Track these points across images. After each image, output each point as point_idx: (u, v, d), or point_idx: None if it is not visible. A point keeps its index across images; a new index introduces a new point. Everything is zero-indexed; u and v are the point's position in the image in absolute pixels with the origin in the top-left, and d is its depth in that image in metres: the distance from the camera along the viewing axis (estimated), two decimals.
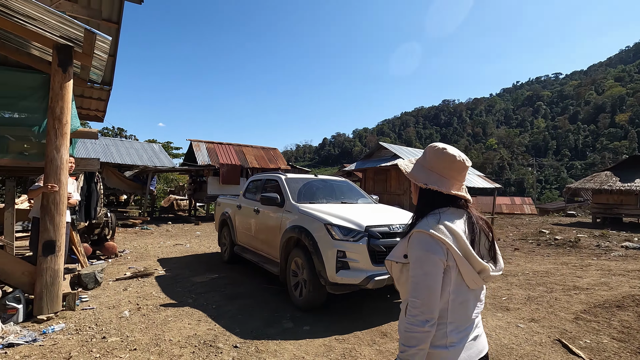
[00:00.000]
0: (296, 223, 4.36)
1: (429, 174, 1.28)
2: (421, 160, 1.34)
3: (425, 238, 1.16)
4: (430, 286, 1.12)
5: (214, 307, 4.13)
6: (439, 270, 1.14)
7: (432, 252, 1.14)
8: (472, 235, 1.21)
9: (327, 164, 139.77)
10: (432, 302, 1.12)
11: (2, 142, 4.56)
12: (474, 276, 1.17)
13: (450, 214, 1.23)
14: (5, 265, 3.54)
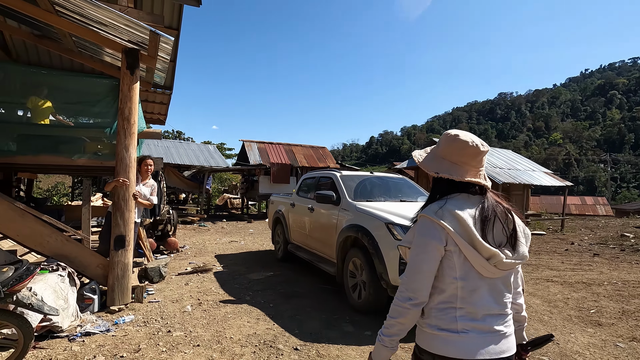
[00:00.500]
0: (354, 222, 4.17)
1: (441, 162, 1.26)
2: (435, 149, 1.32)
3: (425, 222, 1.18)
4: (417, 267, 1.16)
5: (271, 306, 4.09)
6: (431, 255, 1.16)
7: (427, 236, 1.16)
8: (483, 221, 1.17)
9: (374, 163, 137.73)
10: (417, 282, 1.16)
11: (80, 143, 4.94)
12: (482, 262, 1.14)
13: (460, 199, 1.21)
14: (83, 258, 3.78)
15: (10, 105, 4.97)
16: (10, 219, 3.49)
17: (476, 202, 1.21)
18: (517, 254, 1.19)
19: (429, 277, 1.17)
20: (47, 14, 3.69)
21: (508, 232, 1.20)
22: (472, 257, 1.15)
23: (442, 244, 1.15)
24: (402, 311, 1.18)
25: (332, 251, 4.61)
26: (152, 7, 5.82)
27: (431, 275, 1.17)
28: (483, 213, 1.19)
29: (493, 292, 1.19)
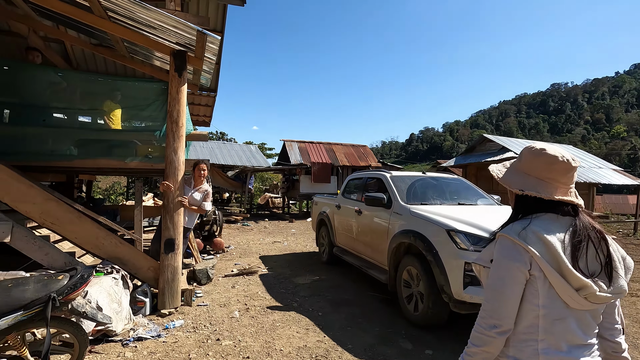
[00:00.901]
0: (408, 227, 3.85)
1: (526, 177, 1.16)
2: (516, 164, 1.22)
3: (506, 243, 1.10)
4: (501, 292, 1.08)
5: (320, 315, 3.89)
6: (514, 279, 1.07)
7: (509, 259, 1.07)
8: (575, 246, 1.06)
9: (414, 160, 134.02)
10: (501, 308, 1.07)
11: (132, 147, 5.05)
12: (570, 293, 1.03)
13: (546, 220, 1.10)
14: (135, 260, 3.82)
15: (71, 111, 5.21)
16: (69, 222, 3.59)
17: (565, 224, 1.10)
18: (614, 287, 1.05)
19: (514, 303, 1.07)
20: (101, 20, 3.76)
21: (603, 259, 1.07)
22: (560, 286, 1.04)
23: (526, 267, 1.05)
24: (487, 340, 1.08)
25: (383, 258, 4.32)
26: (198, 9, 5.86)
27: (517, 300, 1.07)
28: (575, 237, 1.07)
29: (580, 323, 1.07)
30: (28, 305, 1.95)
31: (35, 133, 4.58)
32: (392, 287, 4.07)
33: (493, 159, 11.94)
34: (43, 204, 3.51)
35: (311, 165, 16.29)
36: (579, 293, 1.03)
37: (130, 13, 3.61)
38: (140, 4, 3.27)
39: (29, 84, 4.70)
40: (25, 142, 4.53)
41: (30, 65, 4.98)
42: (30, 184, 3.51)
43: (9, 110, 4.72)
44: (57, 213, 3.55)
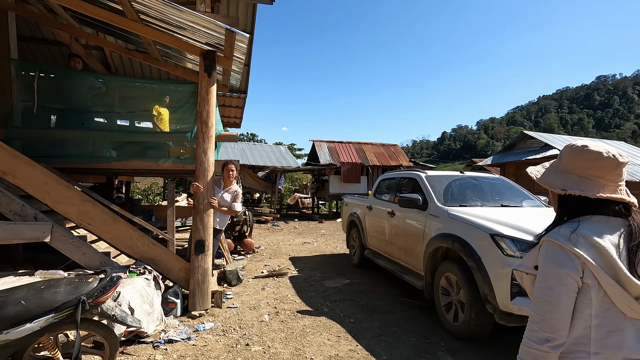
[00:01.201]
0: (446, 231, 3.60)
1: (568, 176, 1.09)
2: (557, 163, 1.15)
3: (553, 248, 1.01)
4: (552, 302, 0.98)
5: (351, 321, 3.72)
6: (566, 287, 0.97)
7: (558, 265, 0.99)
8: (631, 250, 0.97)
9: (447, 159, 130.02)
10: (553, 320, 0.98)
11: (165, 148, 5.13)
12: (629, 302, 0.94)
13: (597, 222, 1.01)
14: (167, 261, 3.84)
15: (109, 115, 5.38)
16: (104, 222, 3.66)
17: (617, 226, 1.02)
18: None
19: (567, 313, 0.99)
20: (133, 23, 3.81)
21: None
22: (616, 294, 0.96)
23: (578, 275, 0.98)
24: (539, 355, 0.99)
25: (419, 262, 4.08)
26: (228, 11, 5.88)
27: (570, 310, 0.99)
28: (631, 240, 0.99)
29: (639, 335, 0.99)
30: (59, 308, 1.94)
31: (76, 136, 4.75)
32: (429, 295, 3.82)
33: (535, 157, 11.20)
34: (80, 205, 3.60)
35: (341, 165, 16.12)
36: (638, 302, 0.95)
37: (161, 15, 3.63)
38: (171, 4, 3.26)
39: (70, 90, 4.88)
40: (67, 144, 4.72)
41: (72, 71, 5.19)
42: (68, 186, 3.61)
43: (55, 116, 4.95)
44: (93, 214, 3.63)
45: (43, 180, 3.50)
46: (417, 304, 4.26)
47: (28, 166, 3.47)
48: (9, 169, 3.41)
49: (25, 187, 3.46)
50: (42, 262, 4.43)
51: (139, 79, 7.38)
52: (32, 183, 3.47)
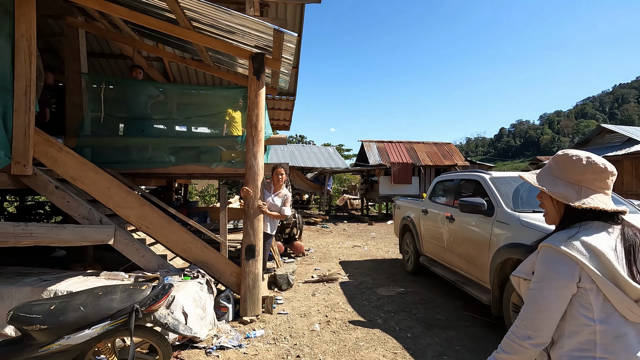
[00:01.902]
0: (518, 240, 3.18)
1: (573, 188, 1.11)
2: (557, 173, 1.16)
3: (550, 254, 1.05)
4: (540, 304, 1.03)
5: (409, 336, 3.44)
6: (560, 292, 1.02)
7: (554, 270, 1.02)
8: (629, 254, 1.02)
9: (506, 157, 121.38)
10: (539, 320, 1.03)
11: (217, 153, 5.24)
12: (629, 305, 0.97)
13: (594, 228, 1.06)
14: (219, 265, 3.87)
15: (168, 121, 5.63)
16: (161, 226, 3.78)
17: (613, 232, 1.07)
18: None
19: (554, 317, 1.03)
20: (187, 31, 3.89)
21: None
22: (616, 298, 0.98)
23: (573, 281, 1.00)
24: (518, 349, 1.06)
25: (483, 274, 3.68)
26: (277, 13, 5.88)
27: (558, 315, 1.03)
28: (626, 244, 1.04)
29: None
30: (114, 315, 1.96)
31: (137, 143, 5.02)
32: (497, 311, 3.42)
33: (616, 154, 9.86)
34: (139, 209, 3.74)
35: (391, 165, 15.63)
36: (638, 304, 0.98)
37: (212, 20, 3.66)
38: (221, 8, 3.26)
39: (132, 99, 5.18)
40: (130, 151, 5.00)
41: (134, 81, 5.51)
42: (129, 191, 3.78)
43: (123, 124, 5.29)
44: (151, 217, 3.76)
45: (107, 186, 3.69)
46: (482, 319, 3.85)
47: (94, 172, 3.68)
48: (78, 176, 3.65)
49: (91, 192, 3.68)
50: (108, 260, 4.74)
51: (194, 86, 7.71)
52: (97, 188, 3.68)
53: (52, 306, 1.92)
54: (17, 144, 3.39)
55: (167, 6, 3.50)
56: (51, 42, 6.58)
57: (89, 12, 4.79)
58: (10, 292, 3.07)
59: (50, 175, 3.66)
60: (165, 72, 7.72)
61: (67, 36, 4.83)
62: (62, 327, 1.87)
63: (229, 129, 5.46)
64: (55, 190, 3.57)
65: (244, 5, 4.80)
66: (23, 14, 3.41)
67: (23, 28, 3.41)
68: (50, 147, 3.61)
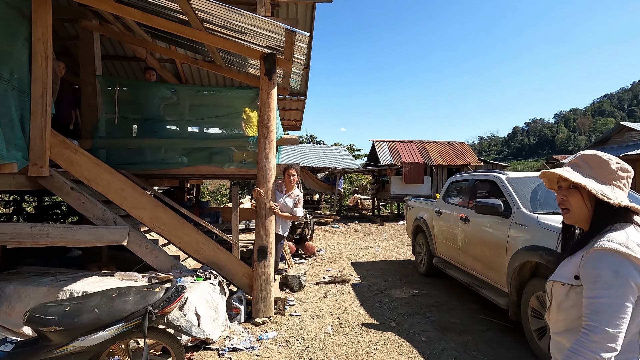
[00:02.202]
0: (537, 242, 3.08)
1: (607, 187, 1.13)
2: (588, 172, 1.17)
3: (614, 257, 1.01)
4: (616, 311, 0.98)
5: (423, 340, 3.37)
6: (629, 295, 0.98)
7: (623, 274, 0.99)
8: None
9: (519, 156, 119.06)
10: (617, 330, 0.97)
11: (229, 153, 5.25)
12: None
13: (631, 228, 1.07)
14: (231, 266, 3.87)
15: (181, 122, 5.67)
16: (174, 227, 3.79)
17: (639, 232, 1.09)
18: None
19: (626, 322, 0.99)
20: (199, 32, 3.90)
21: None
22: None
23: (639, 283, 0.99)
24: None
25: (500, 277, 3.58)
26: (288, 13, 5.86)
27: (627, 319, 0.99)
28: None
29: None
30: (128, 318, 1.96)
31: (150, 144, 5.06)
32: (514, 315, 3.32)
33: (637, 153, 9.53)
34: (153, 210, 3.77)
35: (402, 165, 15.49)
36: None
37: (223, 21, 3.65)
38: (232, 9, 3.25)
39: (146, 101, 5.23)
40: (143, 152, 5.05)
41: (147, 83, 5.57)
42: (142, 192, 3.81)
43: (137, 126, 5.34)
44: (164, 219, 3.78)
45: (121, 187, 3.73)
46: (499, 324, 3.75)
47: (108, 174, 3.72)
48: (93, 177, 3.69)
49: (105, 193, 3.72)
50: (123, 260, 4.78)
51: (206, 87, 7.75)
52: (111, 189, 3.71)
53: (67, 308, 1.93)
54: (34, 145, 3.45)
55: (179, 8, 3.51)
56: (67, 45, 6.70)
57: (103, 15, 4.85)
58: (27, 292, 3.13)
59: (66, 176, 3.72)
60: (177, 73, 7.78)
61: (82, 39, 4.91)
62: (76, 329, 1.88)
63: (246, 129, 5.46)
64: (71, 192, 3.62)
65: (255, 5, 4.79)
66: (40, 17, 3.46)
67: (39, 32, 3.46)
68: (66, 149, 3.66)
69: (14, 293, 3.14)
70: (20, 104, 3.38)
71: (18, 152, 3.27)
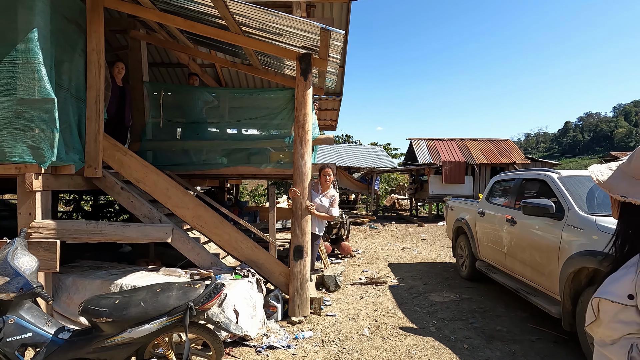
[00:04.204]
0: (594, 247, 2.82)
1: (634, 183, 0.96)
2: (624, 166, 1.03)
3: None
4: None
5: (465, 347, 3.21)
6: None
7: None
8: None
9: (571, 153, 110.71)
10: None
11: (266, 154, 5.35)
12: None
13: None
14: (269, 265, 3.93)
15: (221, 124, 5.86)
16: (214, 226, 3.92)
17: None
18: None
19: None
20: (237, 36, 4.00)
21: None
22: None
23: None
24: None
25: (552, 283, 3.32)
26: (323, 13, 5.86)
27: None
28: None
29: None
30: (171, 312, 2.04)
31: (192, 146, 5.28)
32: (568, 326, 3.07)
33: None
34: (195, 209, 3.92)
35: (442, 164, 14.96)
36: None
37: (260, 24, 3.72)
38: (269, 11, 3.29)
39: (188, 104, 5.47)
40: (186, 154, 5.28)
41: (190, 87, 5.83)
42: (185, 191, 3.97)
43: (180, 128, 5.61)
44: (205, 217, 3.92)
45: (165, 187, 3.92)
46: (551, 334, 3.48)
47: (154, 174, 3.92)
48: (141, 177, 3.91)
49: (152, 193, 3.93)
50: (168, 256, 5.04)
51: (244, 90, 7.97)
52: (157, 189, 3.91)
53: (117, 300, 2.05)
54: (89, 148, 3.72)
55: (218, 13, 3.62)
56: (118, 54, 7.19)
57: (150, 24, 5.14)
58: (84, 284, 3.38)
59: (117, 177, 3.97)
60: (217, 77, 8.07)
61: (131, 48, 5.23)
62: (125, 321, 1.99)
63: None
64: (121, 191, 3.86)
65: (290, 7, 4.84)
66: (94, 30, 3.73)
67: (94, 43, 3.73)
68: (117, 151, 3.91)
69: (73, 285, 3.41)
70: (78, 110, 3.66)
71: (75, 155, 3.54)
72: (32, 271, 2.03)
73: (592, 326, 1.08)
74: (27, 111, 3.10)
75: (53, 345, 2.01)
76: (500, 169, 14.66)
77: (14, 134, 3.09)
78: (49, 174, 3.33)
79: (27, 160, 3.09)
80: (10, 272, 1.94)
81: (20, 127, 3.09)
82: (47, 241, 3.12)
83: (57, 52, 3.38)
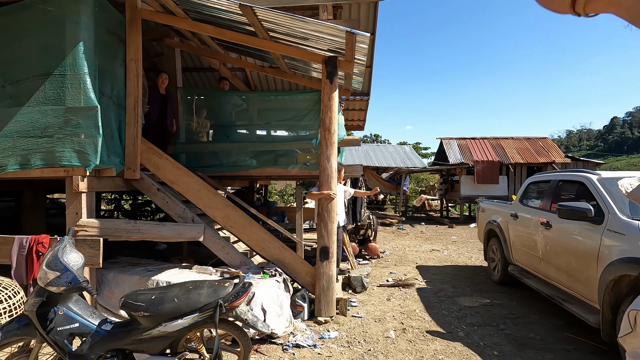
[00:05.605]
0: (637, 254, 2.66)
1: None
2: None
3: None
4: None
5: (495, 354, 3.13)
6: None
7: None
8: None
9: (618, 152, 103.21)
10: None
11: (293, 155, 5.44)
12: None
13: None
14: (295, 265, 4.01)
15: (250, 126, 6.03)
16: (243, 226, 4.05)
17: None
18: None
19: None
20: (264, 42, 4.11)
21: None
22: None
23: None
24: None
25: (590, 291, 3.16)
26: (350, 14, 5.87)
27: None
28: None
29: None
30: (202, 309, 2.15)
31: (223, 148, 5.48)
32: (608, 336, 2.91)
33: None
34: (224, 209, 4.07)
35: (474, 164, 14.49)
36: None
37: (286, 29, 3.80)
38: (295, 16, 3.37)
39: (219, 108, 5.68)
40: (217, 156, 5.48)
41: (221, 92, 6.04)
42: (215, 192, 4.14)
43: (212, 131, 5.84)
44: (234, 217, 4.06)
45: (197, 188, 4.10)
46: (587, 344, 3.31)
47: (187, 176, 4.12)
48: (174, 179, 4.11)
49: (185, 194, 4.12)
50: (200, 255, 5.26)
51: (272, 93, 8.14)
52: (189, 190, 4.10)
53: (153, 296, 2.19)
54: (128, 152, 3.96)
55: (246, 20, 3.74)
56: (154, 61, 7.57)
57: (183, 32, 5.37)
58: (124, 280, 3.62)
59: (153, 178, 4.20)
60: (247, 80, 8.28)
61: (166, 55, 5.50)
62: (160, 316, 2.12)
63: None
64: (157, 192, 4.08)
65: (317, 10, 4.89)
66: (132, 40, 3.97)
67: (132, 52, 3.97)
68: (153, 155, 4.14)
69: (114, 280, 3.66)
70: (118, 116, 3.92)
71: (116, 158, 3.79)
72: (79, 267, 2.21)
73: (627, 337, 1.09)
74: (74, 118, 3.36)
75: (97, 335, 2.19)
76: (538, 169, 13.98)
77: (63, 139, 3.36)
78: (93, 176, 3.58)
79: (74, 164, 3.36)
80: (61, 267, 2.12)
81: (68, 133, 3.36)
82: (92, 239, 3.37)
83: (100, 62, 3.64)
